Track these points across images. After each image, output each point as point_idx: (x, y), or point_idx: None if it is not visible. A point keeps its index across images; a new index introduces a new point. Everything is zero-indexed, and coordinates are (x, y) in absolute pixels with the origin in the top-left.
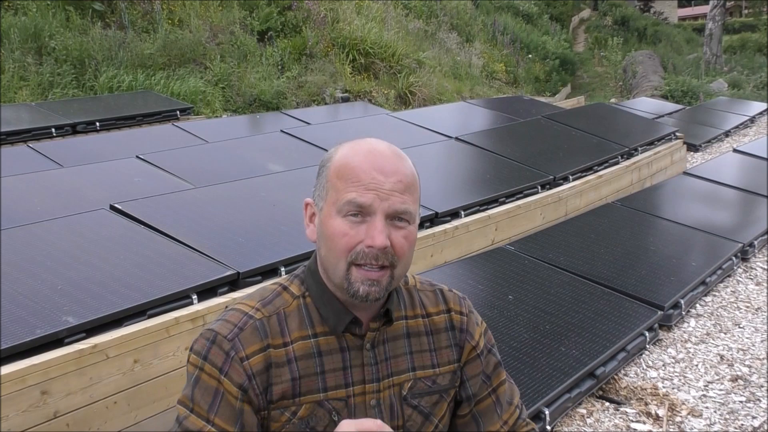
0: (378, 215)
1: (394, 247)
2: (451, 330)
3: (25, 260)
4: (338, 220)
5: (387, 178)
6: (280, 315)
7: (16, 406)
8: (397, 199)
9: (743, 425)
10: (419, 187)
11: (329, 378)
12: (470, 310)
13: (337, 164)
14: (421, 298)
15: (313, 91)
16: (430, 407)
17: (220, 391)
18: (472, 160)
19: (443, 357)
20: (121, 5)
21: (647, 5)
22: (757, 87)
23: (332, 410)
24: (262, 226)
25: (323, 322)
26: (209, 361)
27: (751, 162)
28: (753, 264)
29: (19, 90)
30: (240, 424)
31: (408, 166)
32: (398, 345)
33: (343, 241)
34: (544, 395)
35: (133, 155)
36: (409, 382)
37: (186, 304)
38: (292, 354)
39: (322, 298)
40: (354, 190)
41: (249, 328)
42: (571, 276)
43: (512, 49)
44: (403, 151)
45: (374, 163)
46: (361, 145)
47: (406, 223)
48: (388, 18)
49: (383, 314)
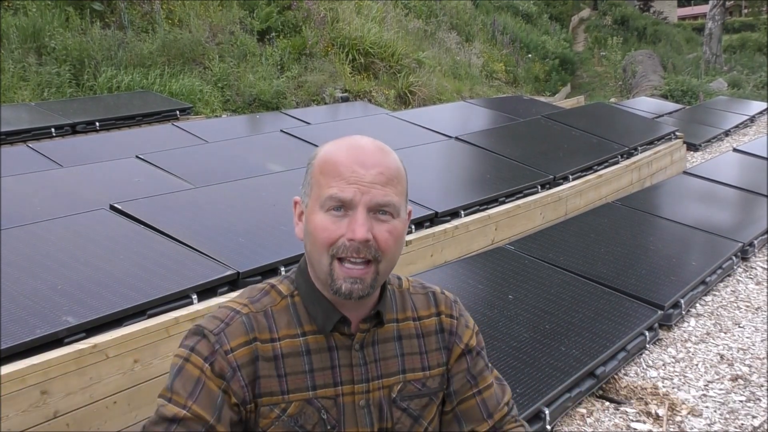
0: (359, 208)
1: (378, 240)
2: (441, 333)
3: (25, 260)
4: (320, 215)
5: (367, 170)
6: (267, 312)
7: (16, 406)
8: (378, 191)
9: (743, 425)
10: (405, 180)
11: (318, 376)
12: (461, 313)
13: (320, 161)
14: (413, 301)
15: (313, 91)
16: (420, 410)
17: (202, 379)
18: (472, 159)
19: (433, 360)
20: (120, 5)
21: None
22: (757, 86)
23: (321, 408)
24: (262, 226)
25: (311, 321)
26: (195, 351)
27: (751, 161)
28: (753, 263)
29: (18, 90)
30: (218, 415)
31: (391, 160)
32: (388, 347)
33: (324, 235)
34: (544, 395)
35: (133, 155)
36: (398, 385)
37: (186, 304)
38: (279, 350)
39: (310, 296)
40: (335, 184)
41: (235, 323)
42: (571, 276)
43: (512, 49)
44: (388, 147)
45: (355, 157)
46: (344, 141)
47: (390, 216)
48: (388, 18)
49: (374, 316)
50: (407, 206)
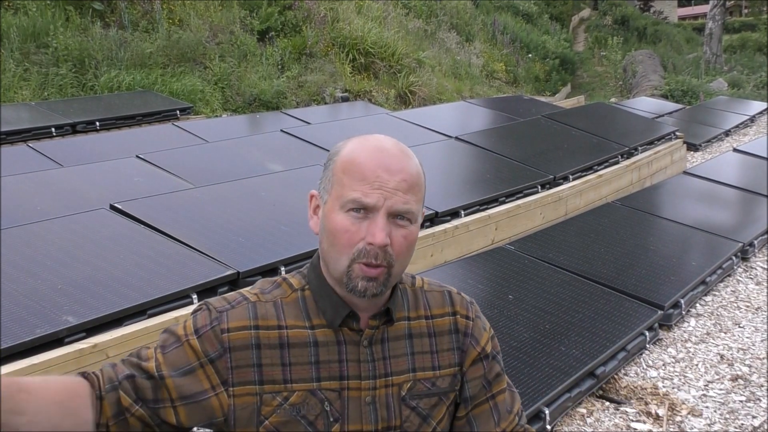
0: (380, 213)
1: (393, 245)
2: (455, 333)
3: (25, 260)
4: (341, 215)
5: (392, 176)
6: (276, 303)
7: None
8: (399, 198)
9: (743, 425)
10: (424, 186)
11: (323, 369)
12: (477, 315)
13: (343, 159)
14: (427, 299)
15: (313, 91)
16: (429, 409)
17: (182, 341)
18: (472, 159)
19: (444, 360)
20: (121, 5)
21: (647, 5)
22: (757, 86)
23: (325, 400)
24: (262, 226)
25: (320, 315)
26: (193, 318)
27: (751, 161)
28: (753, 263)
29: (19, 90)
30: (179, 377)
31: (414, 165)
32: (399, 345)
33: (345, 236)
34: (544, 395)
35: (133, 155)
36: (408, 383)
37: (186, 304)
38: (286, 338)
39: (320, 291)
40: (358, 187)
41: (240, 307)
42: (571, 275)
43: (512, 49)
44: (410, 149)
45: (380, 160)
46: (369, 141)
47: (408, 222)
48: (388, 17)
49: (384, 313)
50: (423, 209)
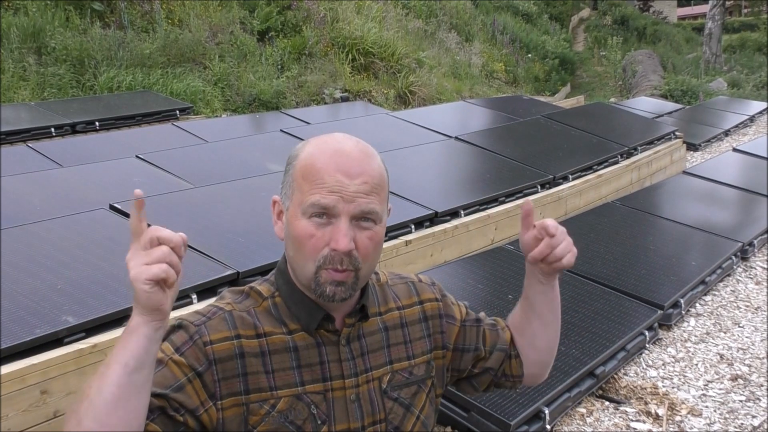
0: (342, 218)
1: (359, 248)
2: (425, 321)
3: (25, 260)
4: (304, 222)
5: (352, 180)
6: (251, 312)
7: (16, 405)
8: (362, 200)
9: (743, 424)
10: (387, 184)
11: (306, 372)
12: (442, 293)
13: (302, 164)
14: (395, 292)
15: (313, 91)
16: (410, 398)
17: (164, 362)
18: (472, 159)
19: (417, 348)
20: (120, 5)
21: (647, 4)
22: (757, 86)
23: (311, 403)
24: (262, 226)
25: (295, 320)
26: (169, 341)
27: (750, 161)
28: (753, 263)
29: (18, 90)
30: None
31: (375, 166)
32: (375, 339)
33: (309, 243)
34: (543, 394)
35: (133, 155)
36: (387, 375)
37: (186, 304)
38: (266, 346)
39: (292, 297)
40: (318, 192)
41: (217, 318)
42: (570, 275)
43: (512, 49)
44: (371, 147)
45: (339, 164)
46: (328, 144)
47: (372, 223)
48: (388, 17)
49: (359, 310)
50: (388, 206)
